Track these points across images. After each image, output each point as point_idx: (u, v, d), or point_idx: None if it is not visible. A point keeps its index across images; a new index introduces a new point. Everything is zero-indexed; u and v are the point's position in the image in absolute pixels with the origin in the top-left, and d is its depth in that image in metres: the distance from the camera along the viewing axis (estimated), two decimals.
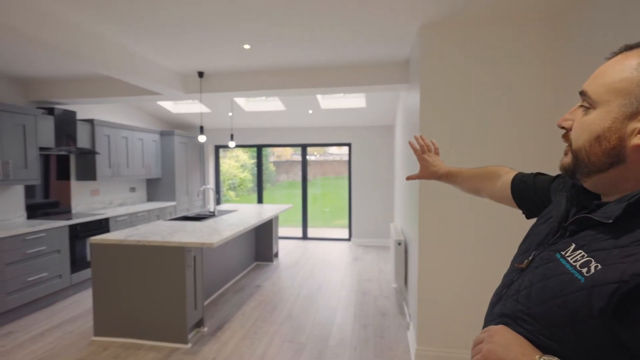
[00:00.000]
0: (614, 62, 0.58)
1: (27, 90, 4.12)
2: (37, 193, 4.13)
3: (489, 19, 2.37)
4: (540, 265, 0.62)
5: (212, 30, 2.64)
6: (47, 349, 2.81)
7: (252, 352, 2.74)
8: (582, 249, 0.56)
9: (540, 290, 0.58)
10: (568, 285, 0.53)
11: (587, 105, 0.59)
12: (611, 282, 0.48)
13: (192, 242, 2.79)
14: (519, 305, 0.61)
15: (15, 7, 2.09)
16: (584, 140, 0.58)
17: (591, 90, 0.58)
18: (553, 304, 0.54)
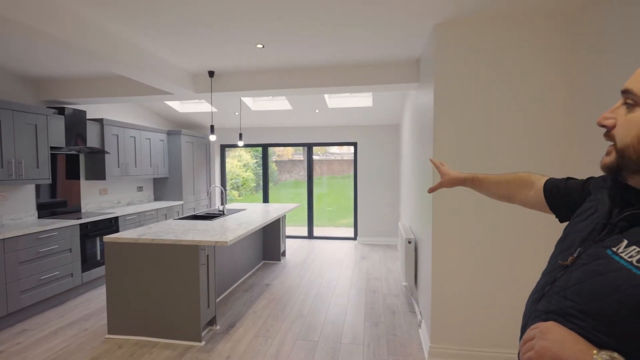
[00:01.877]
0: None
1: (38, 90, 4.14)
2: (48, 192, 4.15)
3: (502, 18, 2.38)
4: (590, 262, 0.62)
5: (225, 30, 2.65)
6: (62, 347, 2.83)
7: (265, 350, 2.76)
8: (636, 244, 0.57)
9: (593, 287, 0.59)
10: (626, 280, 0.54)
11: (632, 102, 0.59)
12: None
13: (206, 241, 2.80)
14: (568, 302, 0.62)
15: (28, 2, 2.10)
16: (632, 137, 0.58)
17: (637, 88, 0.58)
18: (610, 300, 0.55)
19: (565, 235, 0.78)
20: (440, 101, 2.51)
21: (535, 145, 2.39)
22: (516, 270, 2.44)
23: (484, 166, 2.45)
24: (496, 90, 2.43)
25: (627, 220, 0.61)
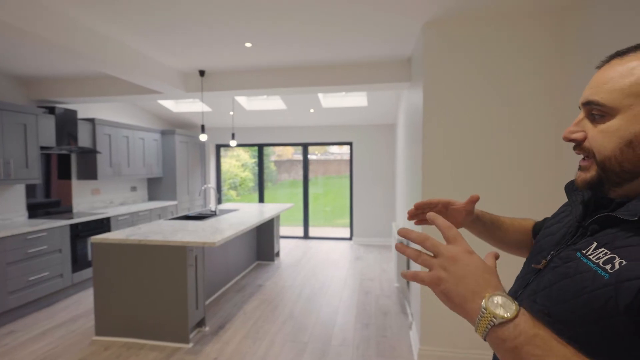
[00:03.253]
0: (613, 67, 0.57)
1: (28, 89, 4.11)
2: (39, 192, 4.12)
3: (492, 17, 2.35)
4: (561, 265, 0.61)
5: (213, 28, 2.62)
6: (48, 349, 2.81)
7: (254, 352, 2.73)
8: (604, 246, 0.55)
9: (562, 290, 0.57)
10: (591, 282, 0.53)
11: (599, 114, 0.57)
12: (638, 277, 0.48)
13: (194, 242, 2.77)
14: (537, 306, 0.60)
15: (24, 6, 2.07)
16: (612, 149, 0.56)
17: (604, 99, 0.57)
18: (576, 303, 0.54)
19: (539, 239, 0.77)
20: (429, 100, 2.48)
21: (524, 144, 2.36)
22: (506, 274, 2.41)
23: (472, 165, 2.43)
24: (485, 89, 2.40)
25: (598, 223, 0.60)
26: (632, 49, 0.57)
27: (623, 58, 0.57)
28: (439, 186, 2.48)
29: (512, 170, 2.38)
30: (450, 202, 0.91)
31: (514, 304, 0.49)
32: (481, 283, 0.52)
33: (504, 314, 0.48)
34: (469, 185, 2.44)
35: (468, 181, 2.44)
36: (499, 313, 0.48)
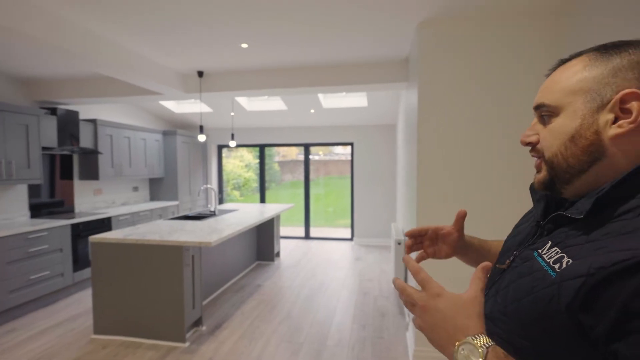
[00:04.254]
0: (558, 72, 0.61)
1: (30, 91, 4.17)
2: (41, 192, 4.17)
3: (486, 18, 2.33)
4: (520, 265, 0.62)
5: (209, 30, 2.63)
6: (47, 347, 2.84)
7: (249, 352, 2.74)
8: (557, 245, 0.56)
9: (517, 289, 0.58)
10: (541, 281, 0.53)
11: (547, 114, 0.60)
12: (579, 275, 0.48)
13: (190, 241, 2.79)
14: (498, 305, 0.61)
15: (10, 4, 2.10)
16: (557, 145, 0.58)
17: (549, 100, 0.59)
18: (526, 301, 0.54)
19: (507, 240, 0.79)
20: (424, 100, 2.47)
21: (518, 144, 2.34)
22: None
23: (467, 166, 2.41)
24: (479, 89, 2.38)
25: (552, 222, 0.60)
26: (575, 55, 0.60)
27: (567, 64, 0.60)
28: (434, 187, 2.47)
29: (507, 170, 2.37)
30: (439, 228, 0.90)
31: (480, 350, 0.49)
32: (450, 332, 0.54)
33: None
34: (464, 185, 2.42)
35: (463, 181, 2.43)
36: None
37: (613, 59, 0.54)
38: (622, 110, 0.52)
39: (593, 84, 0.55)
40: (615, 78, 0.53)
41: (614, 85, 0.53)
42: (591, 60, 0.56)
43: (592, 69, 0.55)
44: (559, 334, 0.49)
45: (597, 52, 0.57)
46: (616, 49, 0.55)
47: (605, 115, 0.53)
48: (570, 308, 0.48)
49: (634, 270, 0.43)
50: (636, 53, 0.53)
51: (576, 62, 0.58)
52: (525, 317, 0.54)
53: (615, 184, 0.52)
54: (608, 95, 0.53)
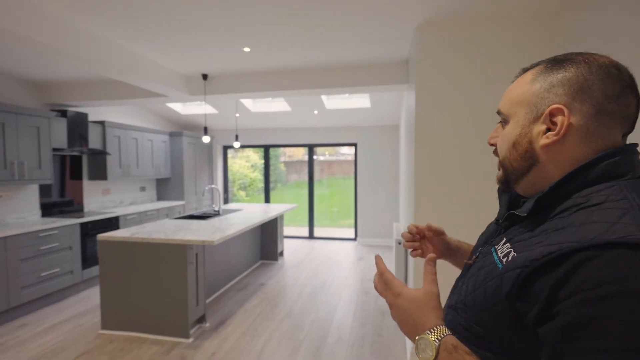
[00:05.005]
0: (515, 82, 0.67)
1: (41, 94, 4.30)
2: (51, 192, 4.30)
3: (484, 19, 2.37)
4: (481, 260, 0.68)
5: (212, 34, 2.71)
6: (56, 342, 2.94)
7: (251, 348, 2.81)
8: (509, 241, 0.62)
9: (474, 281, 0.64)
10: (491, 273, 0.60)
11: (503, 120, 0.67)
12: (517, 267, 0.54)
13: (194, 240, 2.87)
14: (460, 297, 0.67)
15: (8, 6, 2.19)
16: (505, 150, 0.66)
17: (502, 108, 0.67)
18: (479, 292, 0.61)
19: (478, 238, 0.84)
20: (422, 102, 2.51)
21: None
22: None
23: (464, 167, 2.45)
24: (477, 92, 2.42)
25: (508, 221, 0.67)
26: (533, 65, 0.65)
27: (523, 74, 0.66)
28: (431, 188, 2.51)
29: None
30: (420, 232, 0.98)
31: (433, 343, 0.57)
32: (412, 327, 0.61)
33: (425, 356, 0.57)
34: (461, 186, 2.46)
35: (460, 183, 2.46)
36: (422, 357, 0.58)
37: (553, 74, 0.60)
38: (552, 123, 0.59)
39: (532, 97, 0.61)
40: (549, 93, 0.59)
41: (548, 99, 0.59)
42: (537, 73, 0.62)
43: (534, 83, 0.61)
44: (503, 321, 0.55)
45: (545, 66, 0.62)
46: (558, 64, 0.60)
47: (538, 126, 0.60)
48: (509, 296, 0.54)
49: (559, 261, 0.49)
50: (570, 69, 0.58)
51: (528, 74, 0.64)
52: (478, 306, 0.60)
53: (553, 186, 0.58)
54: (542, 108, 0.59)
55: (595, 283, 0.45)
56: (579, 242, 0.48)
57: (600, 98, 0.56)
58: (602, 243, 0.46)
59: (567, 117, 0.57)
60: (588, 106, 0.56)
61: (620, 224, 0.48)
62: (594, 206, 0.53)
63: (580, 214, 0.53)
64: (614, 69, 0.57)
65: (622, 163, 0.56)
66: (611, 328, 0.43)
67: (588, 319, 0.44)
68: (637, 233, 0.46)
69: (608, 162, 0.56)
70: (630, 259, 0.45)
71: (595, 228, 0.49)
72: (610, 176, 0.56)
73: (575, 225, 0.52)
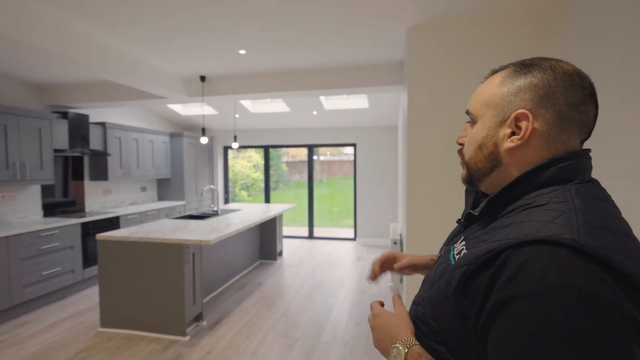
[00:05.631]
0: (485, 83, 0.68)
1: (43, 96, 4.37)
2: (53, 192, 4.37)
3: (474, 21, 2.39)
4: (442, 258, 0.71)
5: (208, 37, 2.76)
6: (56, 339, 3.00)
7: (246, 346, 2.85)
8: (465, 239, 0.65)
9: (432, 278, 0.67)
10: (445, 270, 0.62)
11: (471, 121, 0.68)
12: (464, 264, 0.56)
13: (191, 240, 2.92)
14: (421, 293, 0.70)
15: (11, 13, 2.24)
16: (471, 150, 0.67)
17: (471, 108, 0.68)
18: (434, 288, 0.64)
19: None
20: (414, 102, 2.54)
21: None
22: None
23: (456, 169, 2.47)
24: (468, 93, 2.44)
25: (467, 220, 0.69)
26: (502, 67, 0.66)
27: (493, 76, 0.66)
28: (424, 190, 2.54)
29: None
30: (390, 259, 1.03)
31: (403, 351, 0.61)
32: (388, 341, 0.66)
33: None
34: (452, 188, 2.48)
35: (451, 184, 2.49)
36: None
37: (520, 78, 0.61)
38: (517, 127, 0.60)
39: (500, 101, 0.62)
40: (516, 97, 0.60)
41: (514, 104, 0.60)
42: (505, 76, 0.63)
43: (502, 86, 0.62)
44: (452, 316, 0.58)
45: (513, 69, 0.63)
46: (526, 68, 0.61)
47: (504, 129, 0.61)
48: (456, 292, 0.56)
49: (496, 257, 0.51)
50: (537, 75, 0.60)
51: (498, 76, 0.64)
52: (434, 301, 0.63)
53: (505, 188, 0.61)
54: (508, 112, 0.61)
55: (516, 282, 0.47)
56: (513, 239, 0.51)
57: (563, 105, 0.58)
58: (528, 241, 0.49)
59: (531, 123, 0.58)
60: (551, 112, 0.58)
61: (553, 223, 0.50)
62: (537, 207, 0.55)
63: (524, 213, 0.56)
64: (577, 77, 0.59)
65: (571, 168, 0.59)
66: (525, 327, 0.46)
67: (508, 317, 0.47)
68: (564, 233, 0.48)
69: (558, 167, 0.58)
70: (546, 256, 0.47)
71: (531, 226, 0.51)
72: (560, 180, 0.58)
73: (516, 224, 0.54)
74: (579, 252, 0.46)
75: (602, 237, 0.49)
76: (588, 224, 0.50)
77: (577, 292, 0.44)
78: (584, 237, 0.48)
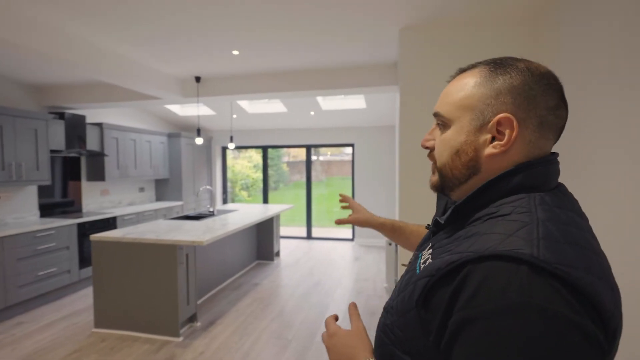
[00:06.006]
0: (455, 82, 0.63)
1: (40, 97, 4.38)
2: (50, 193, 4.38)
3: (467, 22, 2.38)
4: (411, 264, 0.68)
5: (202, 38, 2.76)
6: (51, 339, 3.01)
7: (238, 347, 2.85)
8: (432, 247, 0.62)
9: (400, 285, 0.65)
10: (411, 279, 0.60)
11: (441, 123, 0.64)
12: (427, 275, 0.54)
13: (184, 240, 2.92)
14: (391, 300, 0.67)
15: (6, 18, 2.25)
16: (446, 156, 0.62)
17: (443, 110, 0.63)
18: (400, 296, 0.61)
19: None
20: (406, 103, 2.53)
21: None
22: None
23: None
24: None
25: (435, 226, 0.66)
26: (472, 66, 0.63)
27: (463, 74, 0.62)
28: (415, 191, 2.53)
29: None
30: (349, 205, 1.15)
31: None
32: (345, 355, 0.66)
33: None
34: None
35: None
36: None
37: (498, 79, 0.57)
38: (498, 132, 0.57)
39: (478, 103, 0.58)
40: (496, 100, 0.56)
41: (495, 107, 0.56)
42: (481, 77, 0.58)
43: (479, 87, 0.58)
44: (414, 327, 0.55)
45: (488, 69, 0.59)
46: (502, 69, 0.58)
47: (484, 134, 0.58)
48: (417, 304, 0.54)
49: (457, 271, 0.49)
50: (516, 77, 0.57)
51: (469, 75, 0.60)
52: (400, 310, 0.60)
53: (471, 196, 0.58)
54: (488, 116, 0.57)
55: (476, 301, 0.46)
56: (474, 252, 0.48)
57: (543, 110, 0.56)
58: (487, 255, 0.47)
59: (516, 128, 0.55)
60: (532, 117, 0.56)
61: (514, 236, 0.48)
62: (501, 217, 0.53)
63: (488, 223, 0.53)
64: (553, 80, 0.57)
65: (538, 174, 0.57)
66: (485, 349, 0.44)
67: (468, 338, 0.46)
68: (524, 247, 0.46)
69: (525, 173, 0.56)
70: (505, 273, 0.45)
71: (492, 239, 0.49)
72: (526, 187, 0.56)
73: (479, 235, 0.52)
74: (539, 268, 0.45)
75: (563, 251, 0.47)
76: (549, 238, 0.48)
77: (537, 311, 0.43)
78: (543, 252, 0.46)
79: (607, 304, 0.45)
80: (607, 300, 0.45)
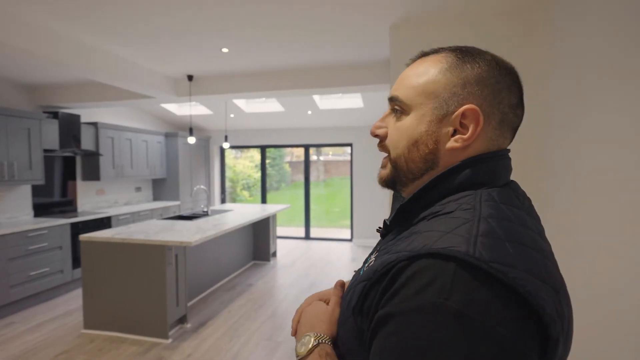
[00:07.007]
0: (416, 65, 0.57)
1: (34, 96, 4.37)
2: (45, 192, 4.37)
3: (457, 18, 2.32)
4: (360, 269, 0.64)
5: (190, 36, 2.72)
6: (40, 340, 2.99)
7: (228, 349, 2.81)
8: (378, 250, 0.59)
9: (345, 293, 0.61)
10: (352, 284, 0.56)
11: (399, 109, 0.57)
12: (365, 279, 0.50)
13: (172, 241, 2.88)
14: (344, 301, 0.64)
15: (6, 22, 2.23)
16: (402, 147, 0.56)
17: (402, 95, 0.56)
18: (345, 300, 0.57)
19: None
20: None
21: None
22: None
23: None
24: None
25: (384, 228, 0.62)
26: (434, 51, 0.58)
27: (425, 58, 0.57)
28: None
29: None
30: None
31: (311, 344, 0.55)
32: (307, 328, 0.61)
33: (299, 350, 0.57)
34: None
35: None
36: (297, 350, 0.58)
37: (466, 67, 0.53)
38: (461, 125, 0.52)
39: (443, 91, 0.53)
40: (463, 90, 0.52)
41: (460, 97, 0.52)
42: (448, 63, 0.54)
43: (446, 74, 0.53)
44: (352, 338, 0.51)
45: (455, 55, 0.54)
46: (470, 57, 0.53)
47: (447, 126, 0.52)
48: (354, 311, 0.50)
49: (389, 272, 0.45)
50: (484, 68, 0.52)
51: (433, 60, 0.55)
52: (340, 320, 0.57)
53: (415, 195, 0.54)
54: (453, 106, 0.52)
55: (396, 298, 0.42)
56: (410, 252, 0.44)
57: (506, 106, 0.53)
58: (421, 254, 0.43)
59: (481, 122, 0.51)
60: (496, 113, 0.52)
61: (452, 234, 0.44)
62: (445, 215, 0.49)
63: (431, 222, 0.49)
64: (516, 77, 0.54)
65: (487, 169, 0.52)
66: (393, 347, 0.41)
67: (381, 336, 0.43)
68: (460, 245, 0.42)
69: (472, 169, 0.52)
70: (431, 271, 0.41)
71: (430, 237, 0.45)
72: (474, 183, 0.51)
73: (419, 233, 0.48)
74: (471, 267, 0.40)
75: (502, 250, 0.42)
76: (489, 235, 0.43)
77: (451, 313, 0.39)
78: (480, 250, 0.41)
79: (548, 308, 0.40)
80: (549, 304, 0.41)
